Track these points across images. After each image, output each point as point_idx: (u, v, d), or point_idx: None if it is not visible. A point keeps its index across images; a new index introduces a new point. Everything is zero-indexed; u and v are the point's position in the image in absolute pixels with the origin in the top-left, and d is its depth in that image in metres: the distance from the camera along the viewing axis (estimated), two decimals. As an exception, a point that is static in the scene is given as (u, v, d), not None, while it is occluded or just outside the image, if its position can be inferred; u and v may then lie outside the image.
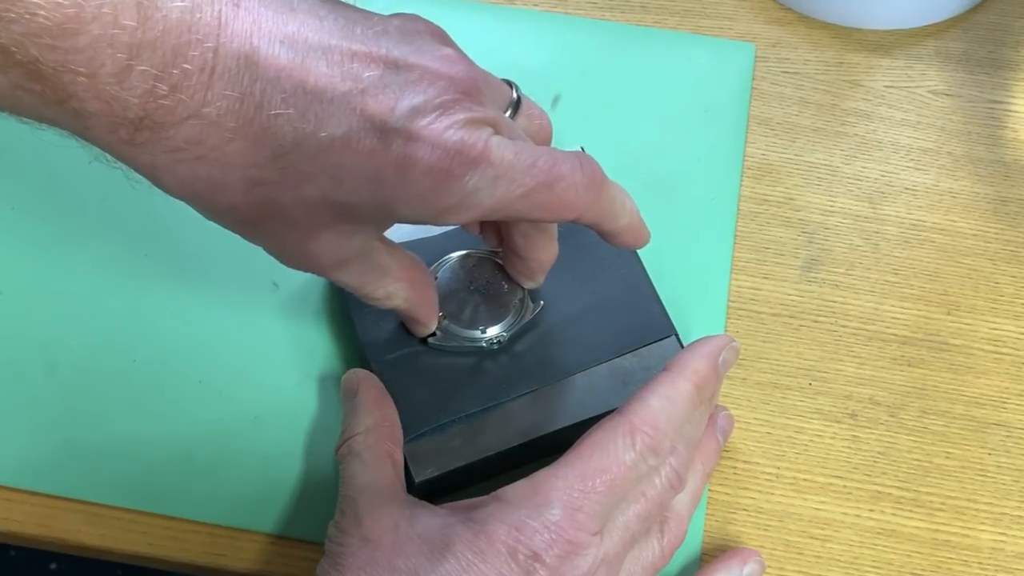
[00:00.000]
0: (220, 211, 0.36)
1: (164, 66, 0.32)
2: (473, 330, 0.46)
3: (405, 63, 0.35)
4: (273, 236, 0.37)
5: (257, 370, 0.48)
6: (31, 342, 0.49)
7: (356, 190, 0.35)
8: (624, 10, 0.59)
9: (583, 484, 0.38)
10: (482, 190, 0.36)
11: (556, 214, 0.39)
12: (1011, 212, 0.53)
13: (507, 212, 0.38)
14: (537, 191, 0.37)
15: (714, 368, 0.42)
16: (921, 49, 0.58)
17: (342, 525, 0.39)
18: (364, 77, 0.34)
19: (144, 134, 0.33)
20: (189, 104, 0.32)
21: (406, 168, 0.35)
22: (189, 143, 0.33)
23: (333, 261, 0.38)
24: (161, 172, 0.34)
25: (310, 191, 0.35)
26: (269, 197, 0.35)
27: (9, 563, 1.05)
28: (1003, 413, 0.48)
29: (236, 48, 0.33)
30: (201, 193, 0.35)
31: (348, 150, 0.34)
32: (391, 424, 0.43)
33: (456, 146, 0.35)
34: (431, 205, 0.36)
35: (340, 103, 0.34)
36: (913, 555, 0.45)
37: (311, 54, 0.34)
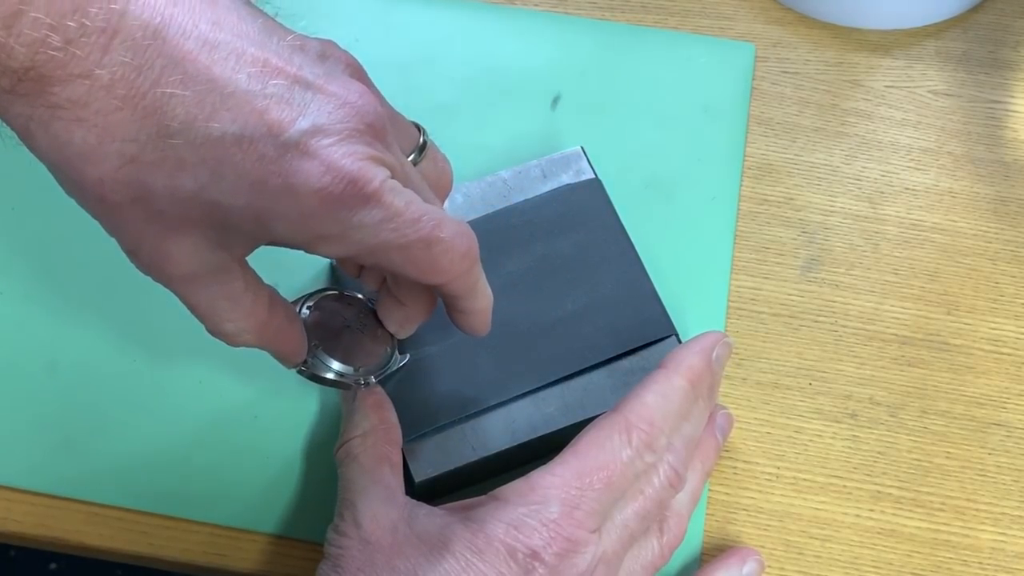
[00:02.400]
0: (83, 184, 0.34)
1: (60, 17, 0.30)
2: (344, 365, 0.43)
3: (315, 84, 0.34)
4: (132, 225, 0.35)
5: (257, 370, 0.48)
6: (31, 342, 0.49)
7: (235, 192, 0.34)
8: (624, 10, 0.59)
9: (580, 482, 0.38)
10: (365, 228, 0.35)
11: (426, 274, 0.38)
12: (1011, 212, 0.53)
13: (380, 259, 0.37)
14: (416, 246, 0.36)
15: (708, 364, 0.42)
16: (921, 49, 0.58)
17: (341, 528, 0.39)
18: (271, 84, 0.33)
19: (27, 86, 0.31)
20: (83, 62, 0.31)
21: (294, 183, 0.33)
22: (72, 103, 0.32)
23: (186, 272, 0.36)
24: (36, 127, 0.32)
25: (185, 181, 0.33)
26: (140, 178, 0.33)
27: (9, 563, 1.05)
28: (1003, 413, 0.48)
29: (146, 18, 0.32)
30: (71, 159, 0.33)
31: (237, 149, 0.33)
32: (389, 426, 0.43)
33: (351, 175, 0.34)
34: (310, 229, 0.35)
35: (241, 100, 0.33)
36: (913, 555, 0.45)
37: (221, 48, 0.33)
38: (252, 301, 0.38)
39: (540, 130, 0.54)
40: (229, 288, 0.37)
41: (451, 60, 0.56)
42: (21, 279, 0.50)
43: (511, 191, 0.50)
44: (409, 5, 0.58)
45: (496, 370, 0.46)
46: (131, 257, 0.36)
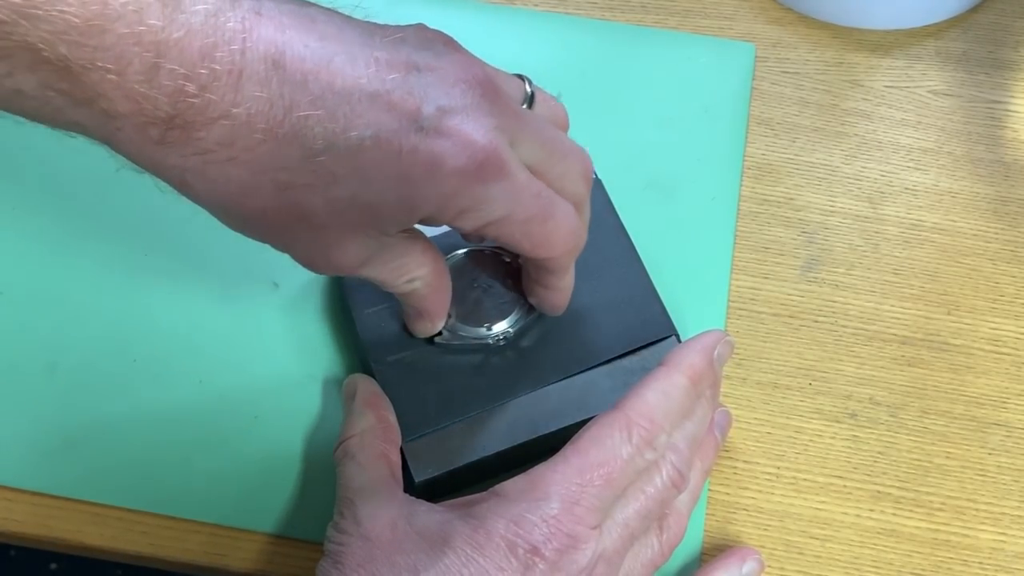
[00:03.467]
0: (249, 217, 0.36)
1: (192, 66, 0.32)
2: (479, 327, 0.46)
3: (426, 67, 0.36)
4: (300, 241, 0.37)
5: (257, 370, 0.48)
6: (31, 342, 0.49)
7: (384, 189, 0.36)
8: (624, 10, 0.59)
9: (581, 478, 0.38)
10: (496, 201, 0.37)
11: (536, 248, 0.40)
12: (1011, 212, 0.53)
13: (500, 231, 0.39)
14: (535, 220, 0.39)
15: (709, 362, 0.42)
16: (921, 49, 0.58)
17: (341, 525, 0.39)
18: (388, 79, 0.35)
19: (175, 133, 0.33)
20: (219, 104, 0.33)
21: (435, 166, 0.35)
22: (220, 144, 0.33)
23: (357, 263, 0.39)
24: (191, 175, 0.34)
25: (340, 192, 0.35)
26: (299, 200, 0.35)
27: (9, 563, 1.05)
28: (1003, 413, 0.48)
29: (263, 51, 0.33)
30: (231, 197, 0.35)
31: (378, 150, 0.35)
32: (387, 425, 0.43)
33: (483, 152, 0.36)
34: (452, 206, 0.37)
35: (369, 103, 0.34)
36: (913, 555, 0.45)
37: (336, 58, 0.34)
38: (420, 251, 0.41)
39: (540, 130, 0.54)
40: (399, 253, 0.40)
41: (451, 60, 0.56)
42: (21, 279, 0.50)
43: (511, 191, 0.50)
44: (409, 5, 0.58)
45: (496, 370, 0.46)
46: (303, 264, 0.39)
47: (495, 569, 0.37)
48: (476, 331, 0.46)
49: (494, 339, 0.46)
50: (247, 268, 0.50)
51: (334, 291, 0.50)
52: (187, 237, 0.51)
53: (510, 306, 0.46)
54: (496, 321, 0.46)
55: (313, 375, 0.48)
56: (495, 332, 0.46)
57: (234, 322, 0.49)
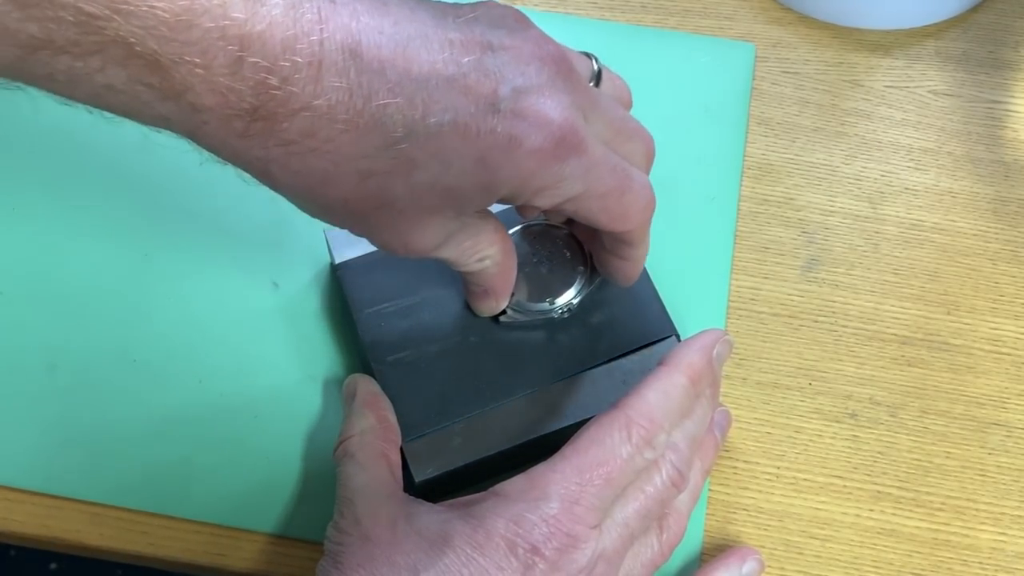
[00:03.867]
0: (330, 205, 0.36)
1: (274, 58, 0.32)
2: (542, 302, 0.46)
3: (500, 46, 0.36)
4: (380, 226, 0.38)
5: (257, 370, 0.48)
6: (31, 342, 0.49)
7: (462, 173, 0.36)
8: (624, 10, 0.59)
9: (580, 477, 0.38)
10: (575, 178, 0.37)
11: (615, 221, 0.40)
12: (1011, 212, 0.53)
13: (578, 206, 0.39)
14: (611, 194, 0.39)
15: (708, 362, 0.42)
16: (921, 49, 0.58)
17: (341, 525, 0.39)
18: (464, 62, 0.35)
19: (258, 125, 0.33)
20: (301, 96, 0.33)
21: (513, 148, 0.36)
22: (303, 135, 0.34)
23: (435, 243, 0.39)
24: (274, 166, 0.35)
25: (420, 178, 0.35)
26: (381, 187, 0.35)
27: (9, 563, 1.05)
28: (1003, 413, 0.48)
29: (340, 41, 0.33)
30: (313, 187, 0.35)
31: (456, 134, 0.35)
32: (386, 425, 0.43)
33: (560, 130, 0.36)
34: (530, 185, 0.37)
35: (446, 88, 0.35)
36: (913, 555, 0.45)
37: (411, 43, 0.34)
38: (493, 228, 0.41)
39: (540, 130, 0.54)
40: (472, 233, 0.40)
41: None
42: (21, 279, 0.50)
43: (511, 191, 0.50)
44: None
45: (496, 371, 0.46)
46: (381, 247, 0.39)
47: (495, 568, 0.37)
48: (540, 306, 0.46)
49: (559, 312, 0.46)
50: (247, 268, 0.50)
51: (334, 291, 0.50)
52: (187, 237, 0.51)
53: (571, 277, 0.47)
54: (560, 294, 0.46)
55: (313, 375, 0.48)
56: (559, 304, 0.46)
57: (234, 322, 0.49)
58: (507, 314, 0.46)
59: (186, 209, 0.52)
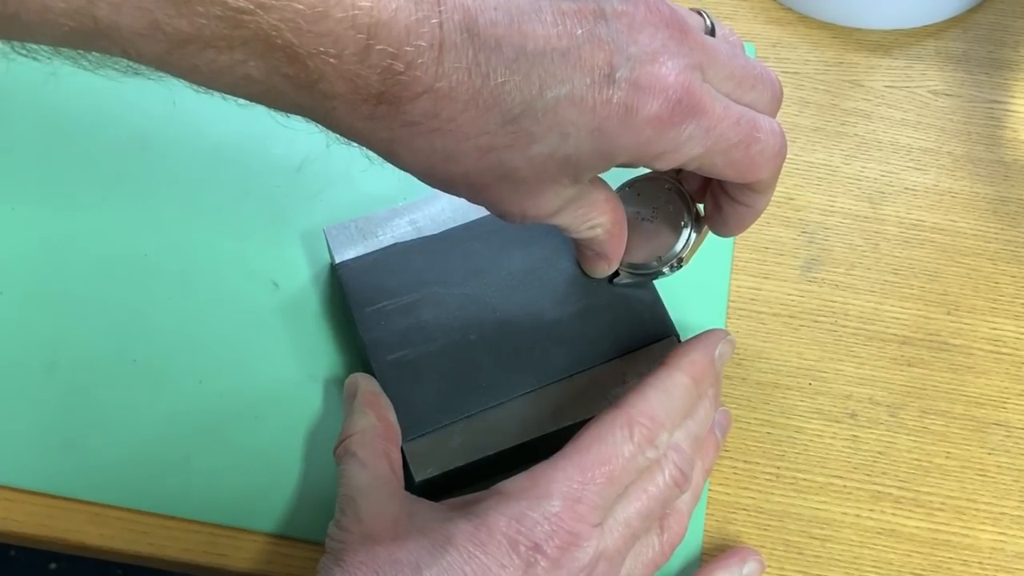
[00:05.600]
0: (452, 180, 0.37)
1: (399, 44, 0.33)
2: (651, 260, 0.46)
3: (613, 12, 0.36)
4: (499, 196, 0.38)
5: (257, 370, 0.48)
6: (31, 342, 0.49)
7: (580, 143, 0.36)
8: (624, 10, 0.59)
9: (582, 476, 0.38)
10: (694, 139, 0.37)
11: (743, 173, 0.40)
12: (1011, 212, 0.53)
13: (702, 163, 0.39)
14: (737, 148, 0.38)
15: (711, 361, 0.42)
16: (921, 49, 0.58)
17: (342, 523, 0.39)
18: (578, 34, 0.35)
19: (383, 108, 0.34)
20: (424, 79, 0.33)
21: (629, 117, 0.36)
22: (425, 116, 0.34)
23: (551, 210, 0.39)
24: (399, 146, 0.35)
25: (539, 150, 0.36)
26: (501, 161, 0.36)
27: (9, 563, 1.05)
28: (1003, 413, 0.48)
29: (457, 21, 0.34)
30: (436, 164, 0.36)
31: (573, 106, 0.35)
32: (387, 424, 0.43)
33: (676, 95, 0.36)
34: (649, 151, 0.37)
35: (560, 61, 0.35)
36: (913, 555, 0.45)
37: (524, 18, 0.35)
38: (604, 199, 0.41)
39: (540, 130, 0.54)
40: (585, 200, 0.40)
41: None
42: (21, 279, 0.50)
43: (511, 191, 0.50)
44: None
45: (496, 370, 0.46)
46: (498, 215, 0.39)
47: (497, 566, 0.37)
48: (649, 264, 0.46)
49: (669, 267, 0.46)
50: (247, 268, 0.50)
51: (334, 291, 0.50)
52: (187, 237, 0.51)
53: (677, 232, 0.46)
54: (666, 250, 0.46)
55: (313, 375, 0.48)
56: (667, 259, 0.46)
57: (234, 322, 0.49)
58: (620, 275, 0.46)
59: (186, 209, 0.52)
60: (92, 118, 0.54)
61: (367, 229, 0.49)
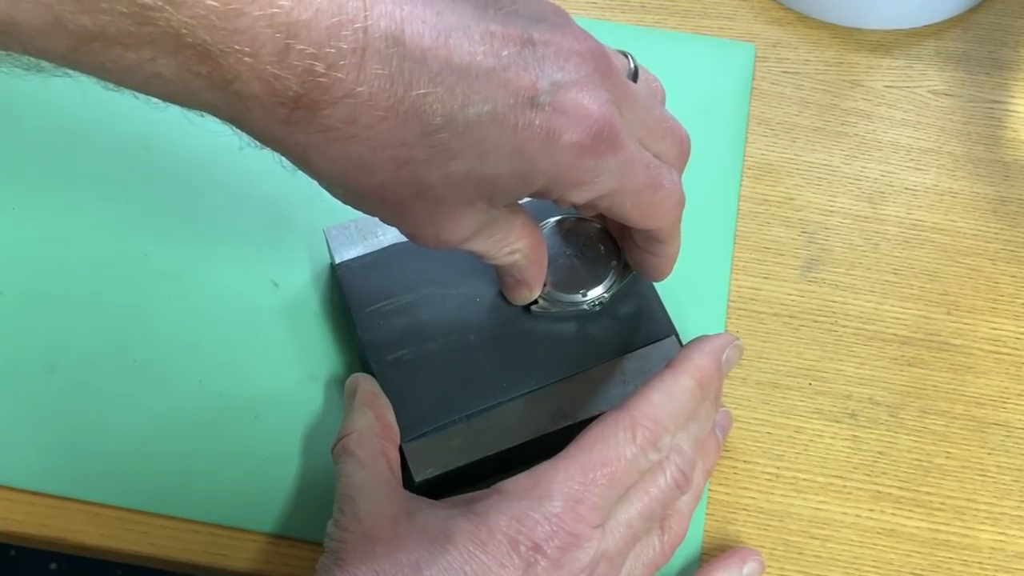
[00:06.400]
0: (366, 192, 0.36)
1: (320, 45, 0.32)
2: (574, 294, 0.46)
3: (540, 40, 0.36)
4: (413, 215, 0.38)
5: (257, 370, 0.48)
6: (31, 342, 0.49)
7: (500, 163, 0.36)
8: (624, 10, 0.59)
9: (584, 477, 0.38)
10: (610, 173, 0.37)
11: (647, 218, 0.40)
12: (1011, 212, 0.53)
13: (612, 202, 0.39)
14: (644, 191, 0.39)
15: (717, 366, 0.42)
16: (921, 49, 0.58)
17: (342, 523, 0.39)
18: (504, 55, 0.35)
19: (300, 113, 0.33)
20: (344, 83, 0.33)
21: (550, 141, 0.36)
22: (343, 122, 0.34)
23: (466, 235, 0.39)
24: (313, 152, 0.35)
25: (457, 167, 0.36)
26: (417, 175, 0.35)
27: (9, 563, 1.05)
28: (1003, 413, 0.48)
29: (384, 28, 0.33)
30: (350, 174, 0.35)
31: (495, 124, 0.35)
32: (385, 423, 0.43)
33: (598, 125, 0.36)
34: (567, 179, 0.37)
35: (486, 79, 0.35)
36: (913, 555, 0.45)
37: (453, 34, 0.35)
38: (521, 225, 0.41)
39: (540, 130, 0.54)
40: (503, 226, 0.40)
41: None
42: (21, 279, 0.50)
43: (511, 191, 0.50)
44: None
45: (496, 370, 0.46)
46: (413, 239, 0.39)
47: (497, 566, 0.37)
48: (572, 298, 0.46)
49: (590, 304, 0.46)
50: (247, 268, 0.50)
51: (334, 291, 0.50)
52: (187, 237, 0.51)
53: (604, 271, 0.47)
54: (592, 287, 0.46)
55: (313, 375, 0.48)
56: (591, 298, 0.46)
57: (234, 322, 0.49)
58: (539, 304, 0.46)
59: (186, 209, 0.52)
60: (92, 118, 0.54)
61: (367, 229, 0.49)
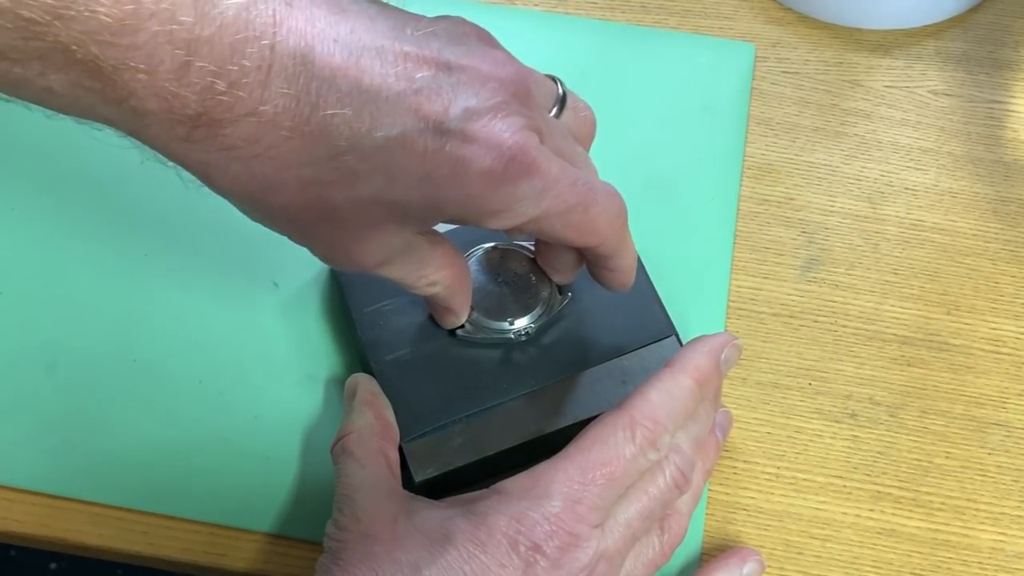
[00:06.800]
0: (271, 212, 0.36)
1: (222, 62, 0.31)
2: (501, 322, 0.46)
3: (457, 65, 0.35)
4: (322, 237, 0.37)
5: (257, 370, 0.48)
6: (31, 342, 0.49)
7: (408, 189, 0.35)
8: (624, 10, 0.59)
9: (583, 477, 0.38)
10: (528, 199, 0.37)
11: (583, 236, 0.40)
12: (1011, 212, 0.53)
13: (541, 226, 0.38)
14: (575, 210, 0.38)
15: (716, 365, 0.42)
16: (921, 49, 0.58)
17: (341, 522, 0.39)
18: (417, 78, 0.34)
19: (201, 131, 0.33)
20: (247, 101, 0.32)
21: (460, 169, 0.35)
22: (246, 141, 0.33)
23: (379, 259, 0.38)
24: (215, 170, 0.34)
25: (363, 190, 0.35)
26: (322, 197, 0.35)
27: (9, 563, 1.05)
28: (1003, 413, 0.48)
29: (292, 46, 0.33)
30: (253, 193, 0.35)
31: (403, 149, 0.34)
32: (385, 423, 0.43)
33: (511, 151, 0.35)
34: (479, 207, 0.36)
35: (395, 103, 0.34)
36: (913, 555, 0.45)
37: (365, 54, 0.34)
38: (440, 256, 0.40)
39: (540, 130, 0.54)
40: (418, 254, 0.39)
41: (451, 60, 0.56)
42: (21, 279, 0.50)
43: (511, 191, 0.50)
44: (410, 5, 0.58)
45: (496, 370, 0.46)
46: (323, 260, 0.38)
47: (497, 566, 0.37)
48: (499, 325, 0.46)
49: (516, 334, 0.46)
50: (247, 268, 0.50)
51: (334, 291, 0.50)
52: (187, 237, 0.51)
53: (533, 302, 0.46)
54: (518, 316, 0.46)
55: (313, 375, 0.48)
56: (517, 327, 0.46)
57: (234, 322, 0.49)
58: (465, 328, 0.46)
59: (186, 209, 0.52)
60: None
61: (367, 229, 0.49)
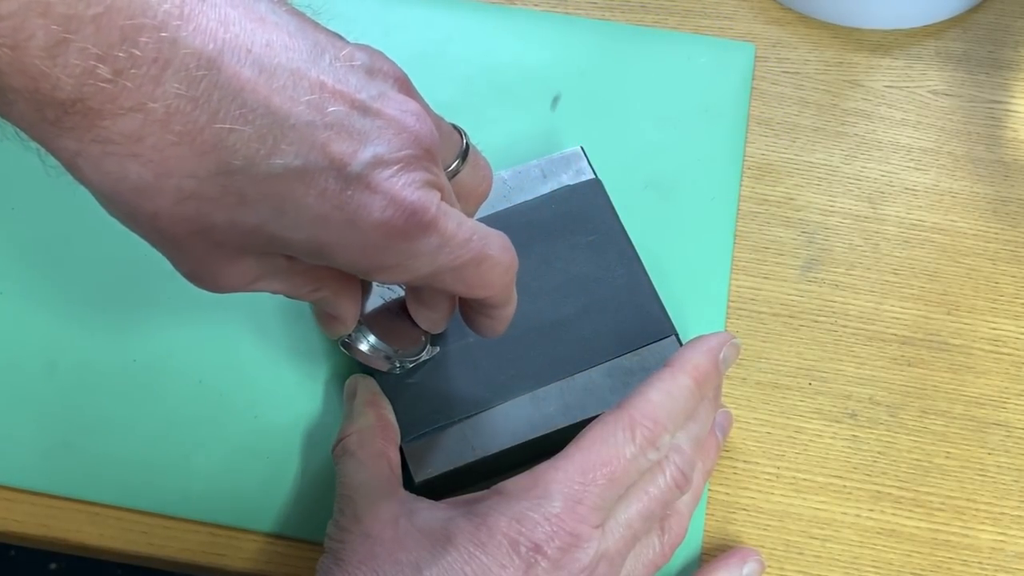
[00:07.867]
0: (136, 216, 0.33)
1: (108, 47, 0.29)
2: (387, 345, 0.44)
3: (372, 108, 0.34)
4: (188, 254, 0.34)
5: (257, 370, 0.48)
6: (31, 342, 0.49)
7: (296, 226, 0.33)
8: (624, 10, 0.59)
9: (584, 477, 0.38)
10: (423, 256, 0.35)
11: (473, 290, 0.38)
12: (1011, 212, 0.53)
13: (432, 281, 0.37)
14: (467, 266, 0.37)
15: (715, 364, 0.42)
16: (921, 49, 0.58)
17: (341, 523, 0.39)
18: (329, 111, 0.32)
19: (74, 118, 0.30)
20: (134, 94, 0.29)
21: (357, 217, 0.33)
22: (126, 138, 0.30)
23: (243, 285, 0.36)
24: (84, 162, 0.31)
25: (247, 216, 0.33)
26: (200, 213, 0.32)
27: (9, 563, 1.05)
28: (1003, 413, 0.48)
29: (198, 46, 0.30)
30: (123, 193, 0.32)
31: (301, 184, 0.32)
32: (385, 423, 0.43)
33: (412, 207, 0.34)
34: (370, 259, 0.35)
35: (302, 132, 0.32)
36: (913, 555, 0.45)
37: (279, 73, 0.32)
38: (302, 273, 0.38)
39: (540, 130, 0.54)
40: (301, 269, 0.37)
41: (451, 60, 0.56)
42: (21, 279, 0.50)
43: (511, 191, 0.50)
44: (408, 5, 0.58)
45: (496, 370, 0.46)
46: (186, 278, 0.36)
47: (497, 567, 0.37)
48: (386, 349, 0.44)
49: (390, 365, 0.44)
50: (247, 268, 0.50)
51: (334, 291, 0.50)
52: (187, 237, 0.51)
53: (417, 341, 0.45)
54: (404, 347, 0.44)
55: (313, 375, 0.48)
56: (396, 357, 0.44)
57: (234, 322, 0.49)
58: (350, 338, 0.43)
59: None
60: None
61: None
